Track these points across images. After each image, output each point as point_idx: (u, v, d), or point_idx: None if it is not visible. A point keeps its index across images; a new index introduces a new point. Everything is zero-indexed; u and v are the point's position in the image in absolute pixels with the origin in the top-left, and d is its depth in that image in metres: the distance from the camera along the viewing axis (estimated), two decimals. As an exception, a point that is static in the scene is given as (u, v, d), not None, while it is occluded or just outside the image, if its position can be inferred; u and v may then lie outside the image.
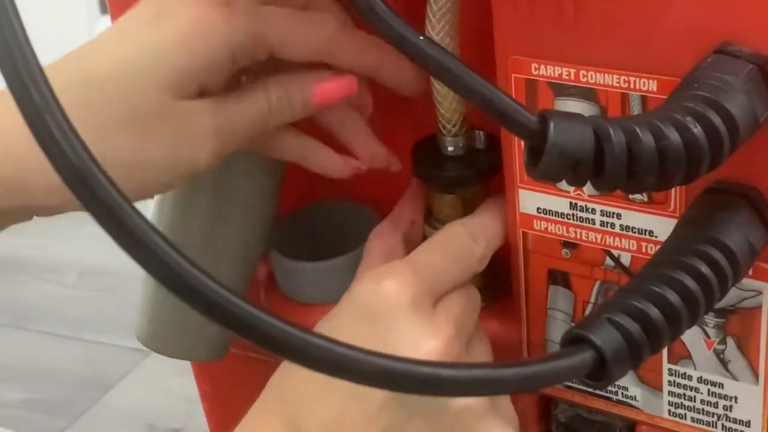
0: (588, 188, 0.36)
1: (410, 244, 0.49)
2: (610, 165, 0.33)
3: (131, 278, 1.78)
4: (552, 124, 0.33)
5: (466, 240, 0.45)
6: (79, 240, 1.79)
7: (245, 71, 0.45)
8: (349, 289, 0.43)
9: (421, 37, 0.33)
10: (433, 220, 0.50)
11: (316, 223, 0.56)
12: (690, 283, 0.35)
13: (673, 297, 0.35)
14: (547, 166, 0.33)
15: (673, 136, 0.33)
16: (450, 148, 0.48)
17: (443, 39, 0.44)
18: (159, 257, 0.26)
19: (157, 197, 0.51)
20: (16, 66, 0.26)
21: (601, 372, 0.34)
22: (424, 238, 0.50)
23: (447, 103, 0.46)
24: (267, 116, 0.45)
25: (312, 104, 0.46)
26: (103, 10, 1.95)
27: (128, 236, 0.25)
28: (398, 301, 0.41)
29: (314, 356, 0.27)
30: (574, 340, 0.35)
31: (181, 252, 0.27)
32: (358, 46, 0.46)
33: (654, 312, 0.34)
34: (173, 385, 1.42)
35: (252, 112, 0.44)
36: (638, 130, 0.33)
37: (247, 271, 0.53)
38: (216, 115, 0.43)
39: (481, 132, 0.48)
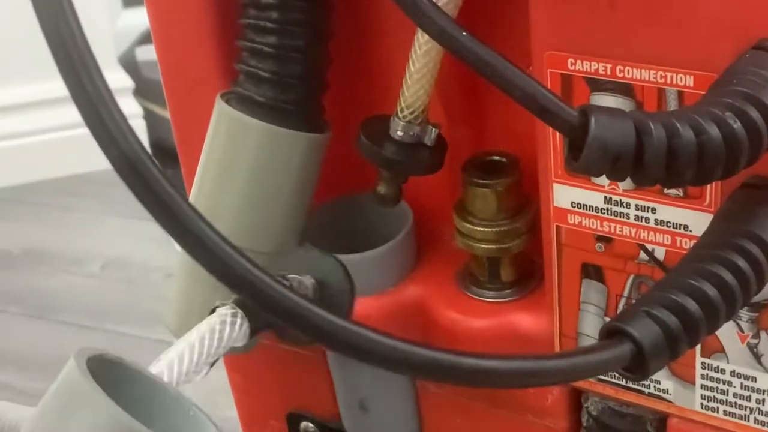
0: (623, 182, 0.36)
1: None
2: (650, 159, 0.33)
3: (153, 269, 1.79)
4: (593, 119, 0.33)
5: None
6: (101, 231, 1.80)
7: None
8: None
9: (464, 33, 0.33)
10: (466, 213, 0.50)
11: (346, 216, 0.57)
12: (728, 276, 0.35)
13: (711, 291, 0.35)
14: (588, 161, 0.33)
15: (713, 131, 0.33)
16: (399, 133, 0.47)
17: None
18: (211, 250, 0.26)
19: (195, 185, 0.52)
20: (72, 62, 0.26)
21: (638, 365, 0.35)
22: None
23: (414, 88, 0.46)
24: None
25: None
26: (126, 3, 1.96)
27: (182, 230, 0.26)
28: None
29: (364, 348, 0.27)
30: (612, 333, 0.35)
31: (232, 244, 0.27)
32: None
33: (692, 305, 0.35)
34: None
35: None
36: (678, 125, 0.33)
37: None
38: None
39: (434, 129, 0.48)
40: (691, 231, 0.42)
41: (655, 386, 0.46)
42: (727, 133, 0.33)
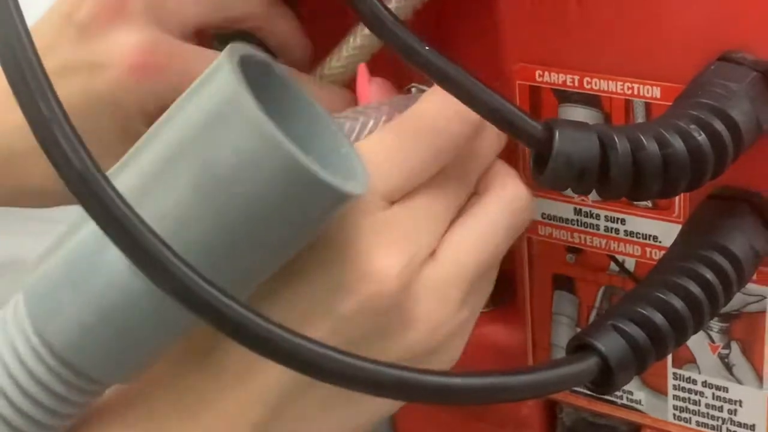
0: (593, 194, 0.36)
1: None
2: (615, 173, 0.33)
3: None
4: (557, 133, 0.33)
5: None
6: (83, 241, 1.79)
7: None
8: None
9: (426, 47, 0.33)
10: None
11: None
12: (695, 289, 0.35)
13: (678, 303, 0.35)
14: (553, 175, 0.33)
15: (678, 144, 0.33)
16: None
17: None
18: (170, 273, 0.26)
19: None
20: (24, 77, 0.26)
21: (605, 378, 0.34)
22: None
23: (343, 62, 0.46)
24: None
25: None
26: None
27: (139, 252, 0.26)
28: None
29: (327, 367, 0.27)
30: (578, 347, 0.35)
31: (190, 265, 0.27)
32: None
33: (659, 318, 0.35)
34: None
35: None
36: (643, 139, 0.33)
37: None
38: None
39: None
40: (660, 242, 0.42)
41: (627, 397, 0.46)
42: (692, 146, 0.33)
